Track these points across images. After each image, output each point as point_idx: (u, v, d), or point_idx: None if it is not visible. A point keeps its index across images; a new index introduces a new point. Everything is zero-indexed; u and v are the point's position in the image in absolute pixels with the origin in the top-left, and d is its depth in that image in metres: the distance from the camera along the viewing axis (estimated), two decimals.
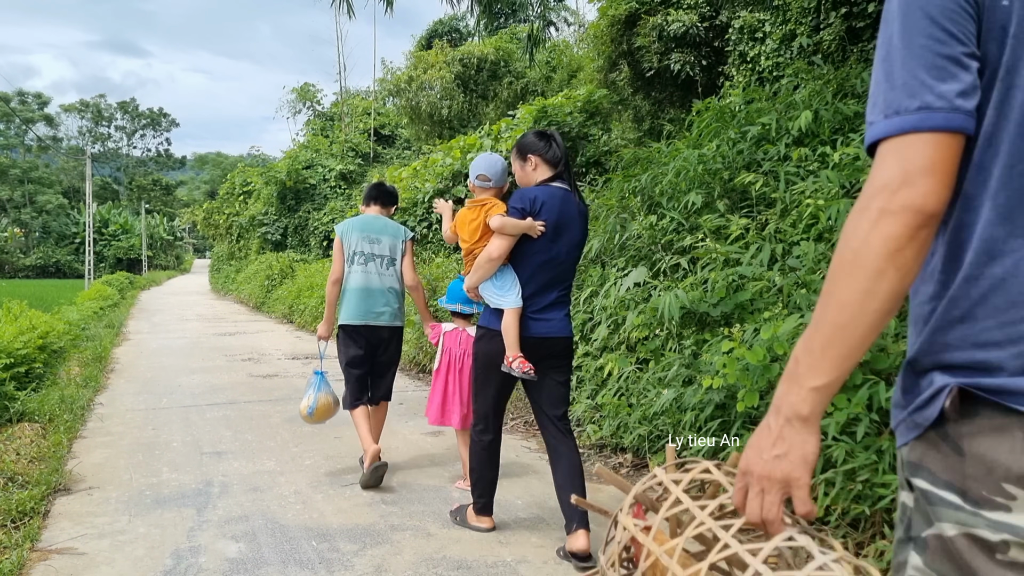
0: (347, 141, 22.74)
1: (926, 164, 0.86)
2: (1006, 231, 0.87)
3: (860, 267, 0.89)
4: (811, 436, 0.96)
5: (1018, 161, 0.87)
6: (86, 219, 32.04)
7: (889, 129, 0.89)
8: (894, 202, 0.87)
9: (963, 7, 0.87)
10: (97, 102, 72.99)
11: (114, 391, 6.82)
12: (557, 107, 12.15)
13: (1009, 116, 0.87)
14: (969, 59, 0.87)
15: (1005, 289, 0.88)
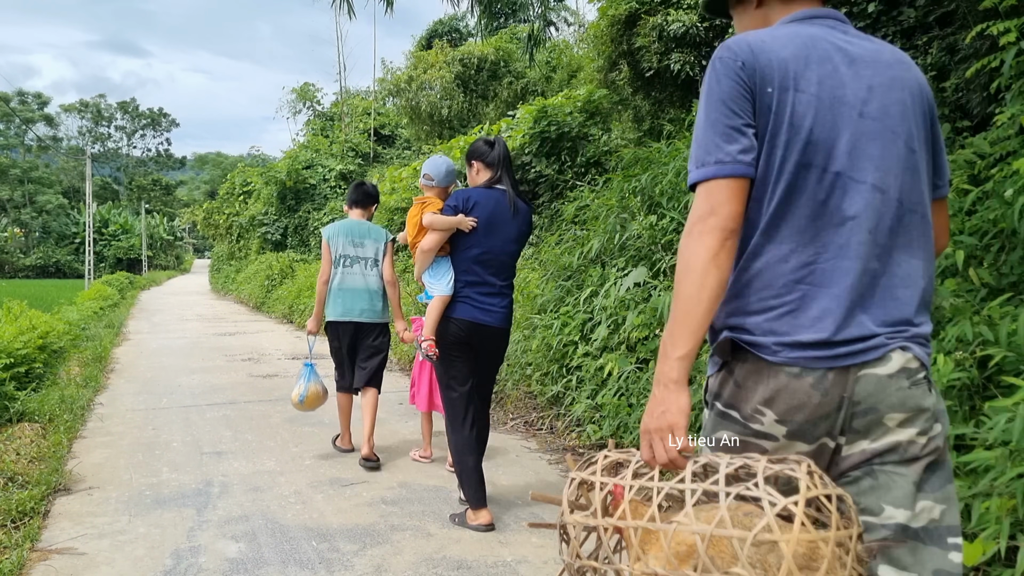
0: (347, 141, 22.74)
1: (724, 199, 1.30)
2: (765, 239, 1.33)
3: (693, 271, 1.29)
4: (683, 393, 1.31)
5: (772, 196, 1.32)
6: (86, 219, 32.05)
7: (699, 176, 1.33)
8: (707, 225, 1.29)
9: (743, 95, 1.32)
10: (97, 102, 73.02)
11: (114, 391, 6.82)
12: (557, 107, 12.14)
13: (772, 166, 1.32)
14: (747, 128, 1.31)
15: (761, 278, 1.33)
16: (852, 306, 1.32)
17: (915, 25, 5.43)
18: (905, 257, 1.37)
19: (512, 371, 5.95)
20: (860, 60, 1.38)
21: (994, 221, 3.05)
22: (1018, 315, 2.54)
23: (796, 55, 1.34)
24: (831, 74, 1.34)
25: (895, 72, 1.40)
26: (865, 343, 1.31)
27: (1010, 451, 2.14)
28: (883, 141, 1.35)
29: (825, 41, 1.38)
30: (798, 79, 1.33)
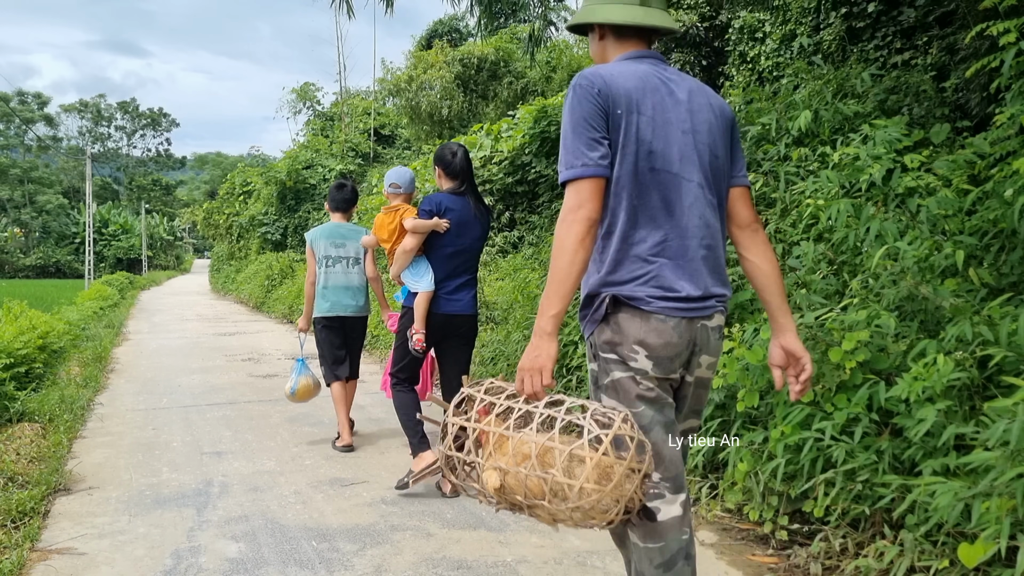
0: (347, 141, 22.73)
1: (589, 195, 1.71)
2: (629, 227, 1.77)
3: (566, 251, 1.69)
4: (552, 343, 1.72)
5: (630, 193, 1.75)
6: (86, 219, 32.05)
7: (568, 176, 1.73)
8: (577, 216, 1.70)
9: (599, 114, 1.73)
10: (97, 102, 72.97)
11: (114, 391, 6.82)
12: (557, 107, 12.14)
13: (624, 169, 1.75)
14: (604, 139, 1.73)
15: (631, 255, 1.78)
16: (695, 273, 1.80)
17: (915, 25, 5.43)
18: (721, 238, 1.89)
19: (512, 371, 5.95)
20: (677, 91, 1.84)
21: (994, 221, 3.05)
22: (1018, 315, 2.54)
23: (636, 86, 1.78)
24: (661, 101, 1.80)
25: (703, 100, 1.88)
26: (705, 302, 1.82)
27: (1010, 451, 2.14)
28: (699, 151, 1.83)
29: (654, 76, 1.83)
30: (640, 104, 1.77)
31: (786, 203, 4.29)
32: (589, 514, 1.68)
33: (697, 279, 1.80)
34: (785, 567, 2.86)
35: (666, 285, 1.77)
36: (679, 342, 1.78)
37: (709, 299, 1.82)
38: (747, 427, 3.35)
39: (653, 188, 1.78)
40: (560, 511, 1.68)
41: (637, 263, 1.78)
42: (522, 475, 1.69)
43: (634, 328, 1.77)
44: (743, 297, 3.87)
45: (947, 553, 2.38)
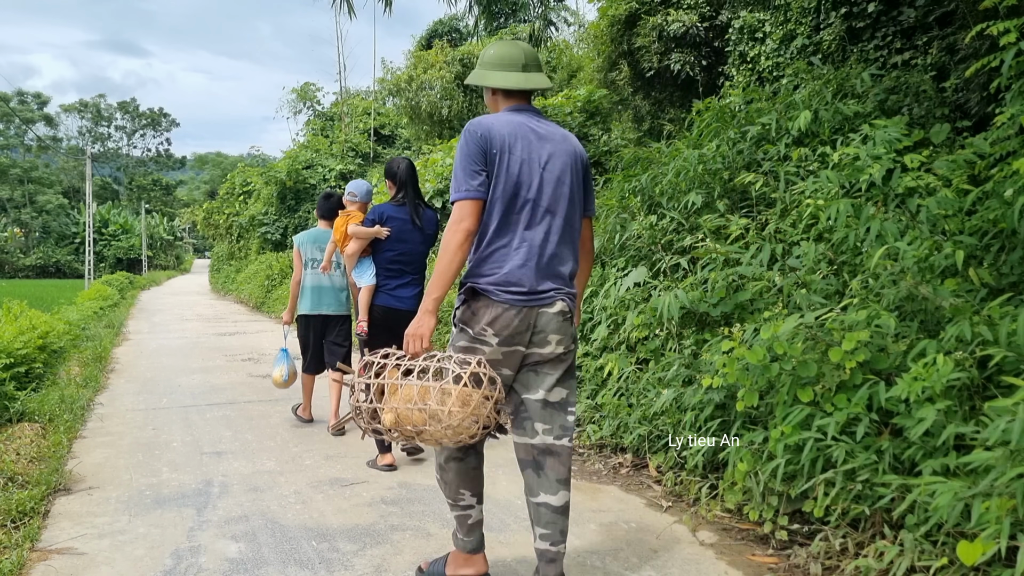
0: (347, 141, 22.73)
1: (468, 212, 2.33)
2: (495, 236, 2.37)
3: (449, 251, 2.31)
4: (432, 318, 2.34)
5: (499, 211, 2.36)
6: (86, 219, 32.04)
7: (456, 197, 2.36)
8: (460, 227, 2.32)
9: (480, 153, 2.34)
10: (97, 102, 72.96)
11: (114, 391, 6.82)
12: (557, 107, 12.15)
13: (497, 194, 2.36)
14: (482, 171, 2.33)
15: (492, 257, 2.37)
16: (539, 274, 2.41)
17: (915, 25, 5.43)
18: (565, 249, 2.49)
19: None
20: (543, 137, 2.47)
21: (994, 221, 3.05)
22: (1018, 315, 2.54)
23: (511, 132, 2.41)
24: (528, 145, 2.43)
25: (564, 146, 2.50)
26: (544, 295, 2.41)
27: (1010, 451, 2.14)
28: (555, 184, 2.45)
29: (525, 125, 2.46)
30: (511, 147, 2.40)
31: (786, 203, 4.29)
32: (458, 431, 2.31)
33: (538, 278, 2.41)
34: (785, 567, 2.86)
35: (512, 281, 2.38)
36: (519, 324, 2.40)
37: (548, 292, 2.43)
38: (747, 427, 3.35)
39: (515, 209, 2.42)
40: (438, 432, 2.30)
41: (493, 264, 2.41)
42: (408, 410, 2.30)
43: (485, 311, 2.40)
44: (743, 297, 3.87)
45: (947, 553, 2.38)
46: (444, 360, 2.35)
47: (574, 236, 2.52)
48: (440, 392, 2.27)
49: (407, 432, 2.36)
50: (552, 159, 2.45)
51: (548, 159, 2.45)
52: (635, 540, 3.18)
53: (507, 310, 2.38)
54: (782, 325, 3.06)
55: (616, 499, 3.74)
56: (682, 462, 3.80)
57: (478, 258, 2.42)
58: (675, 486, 3.76)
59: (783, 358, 3.00)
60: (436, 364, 2.35)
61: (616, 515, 3.50)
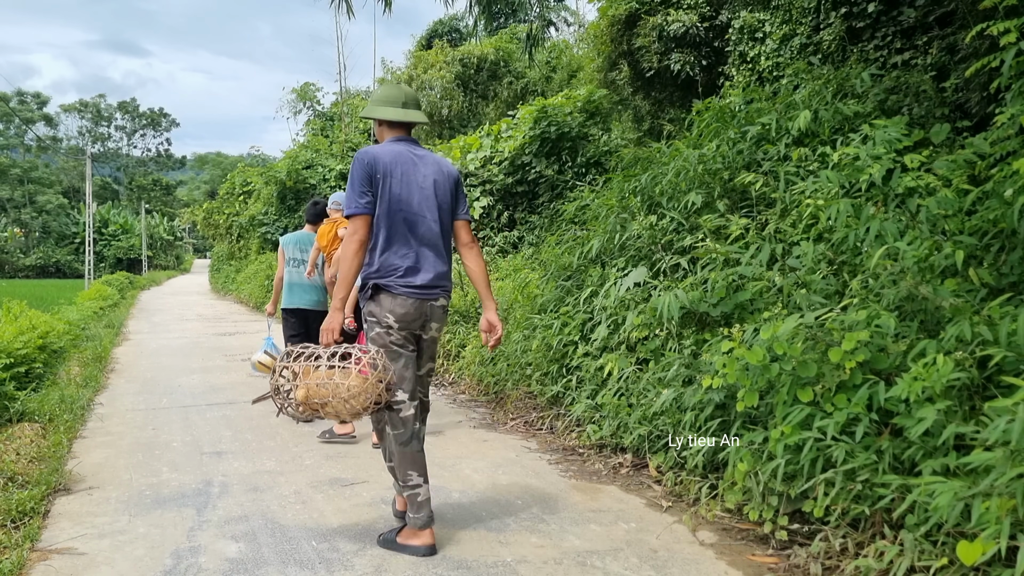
0: (347, 141, 22.72)
1: (359, 225, 2.98)
2: (387, 246, 3.02)
3: (347, 259, 2.96)
4: (339, 315, 2.97)
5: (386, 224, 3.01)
6: (86, 219, 32.04)
7: (347, 213, 3.01)
8: (354, 238, 2.96)
9: (368, 177, 2.98)
10: (97, 102, 72.97)
11: (114, 391, 6.82)
12: (557, 107, 12.14)
13: (381, 210, 3.00)
14: (369, 191, 2.98)
15: (387, 262, 3.01)
16: (426, 272, 3.04)
17: (915, 25, 5.43)
18: (442, 251, 3.12)
19: (512, 371, 5.95)
20: (419, 161, 3.09)
21: (994, 221, 3.05)
22: (1018, 315, 2.54)
23: (392, 159, 3.03)
24: (407, 169, 3.05)
25: (435, 167, 3.13)
26: (433, 290, 3.07)
27: (1010, 451, 2.14)
28: (433, 200, 3.08)
29: (404, 152, 3.09)
30: (392, 171, 3.01)
31: (786, 203, 4.29)
32: (355, 405, 2.87)
33: (426, 276, 3.06)
34: (785, 567, 2.86)
35: (407, 279, 3.02)
36: (415, 313, 3.04)
37: (435, 288, 3.09)
38: (747, 427, 3.35)
39: (400, 222, 3.03)
40: (340, 405, 2.86)
41: (392, 267, 3.02)
42: (316, 388, 2.87)
43: (387, 303, 3.01)
44: (743, 297, 3.87)
45: (947, 553, 2.38)
46: (349, 349, 2.98)
47: (447, 240, 3.20)
48: (342, 374, 2.88)
49: (314, 405, 2.90)
50: (427, 178, 3.09)
51: (423, 179, 3.08)
52: (635, 540, 3.18)
53: (406, 301, 3.03)
54: (782, 325, 3.05)
55: (616, 499, 3.74)
56: (682, 462, 3.80)
57: (378, 262, 3.03)
58: (675, 486, 3.76)
59: (783, 358, 2.99)
60: (342, 352, 2.96)
61: (616, 515, 3.50)
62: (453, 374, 7.23)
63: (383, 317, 3.01)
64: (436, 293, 3.08)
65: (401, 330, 3.02)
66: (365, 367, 2.92)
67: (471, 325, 7.66)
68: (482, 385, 6.42)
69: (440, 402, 6.34)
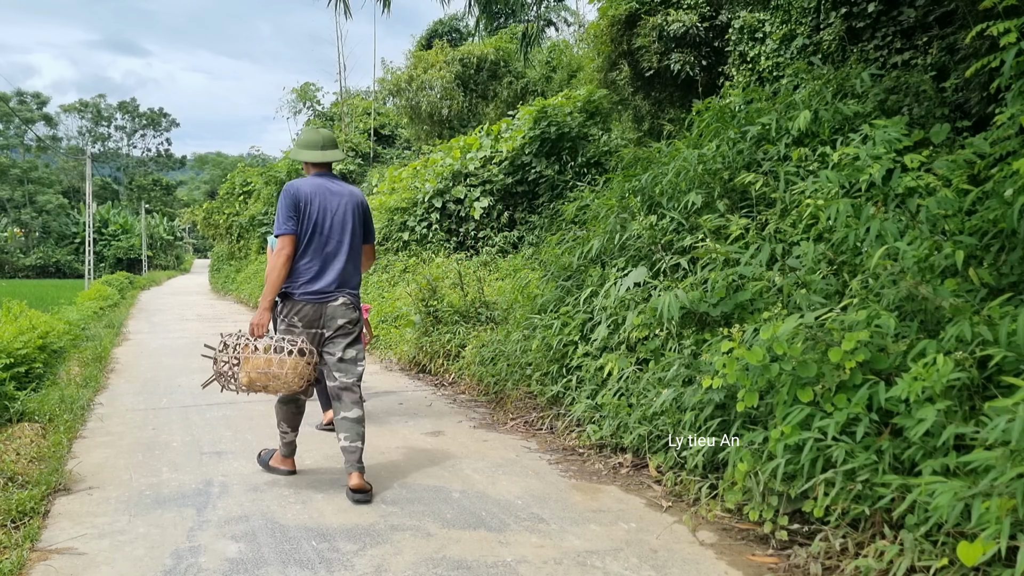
0: (347, 141, 22.72)
1: (286, 243, 3.69)
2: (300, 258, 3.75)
3: (275, 270, 3.69)
4: (267, 314, 3.71)
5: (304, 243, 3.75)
6: (86, 219, 32.04)
7: (277, 232, 3.74)
8: (282, 254, 3.68)
9: (293, 204, 3.72)
10: (97, 102, 72.96)
11: (114, 391, 6.82)
12: (557, 107, 12.14)
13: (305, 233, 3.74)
14: (294, 216, 3.70)
15: (298, 271, 3.75)
16: (327, 281, 3.73)
17: (915, 25, 5.43)
18: (350, 265, 3.81)
19: (512, 371, 5.95)
20: (335, 193, 3.80)
21: (994, 221, 3.05)
22: (1018, 315, 2.54)
23: (312, 191, 3.74)
24: (324, 198, 3.76)
25: (347, 198, 3.82)
26: (331, 293, 3.75)
27: (1010, 451, 2.14)
28: (341, 224, 3.78)
29: (323, 185, 3.79)
30: (312, 200, 3.73)
31: (786, 203, 4.29)
32: (290, 385, 3.63)
33: (325, 283, 3.75)
34: (785, 567, 2.86)
35: (307, 287, 3.74)
36: (313, 314, 3.75)
37: (331, 292, 3.76)
38: (747, 427, 3.35)
39: (315, 241, 3.75)
40: (277, 386, 3.62)
41: (303, 276, 3.74)
42: (257, 374, 3.59)
43: (292, 307, 3.75)
44: (743, 297, 3.87)
45: (947, 553, 2.38)
46: (279, 340, 3.65)
47: (356, 257, 3.89)
48: (279, 361, 3.59)
49: (256, 388, 3.64)
50: (339, 207, 3.80)
51: (337, 207, 3.79)
52: (635, 540, 3.18)
53: (305, 305, 3.74)
54: (782, 325, 3.06)
55: (616, 499, 3.74)
56: (682, 462, 3.80)
57: (292, 273, 3.74)
58: (675, 486, 3.76)
59: (783, 358, 2.99)
60: (274, 343, 3.64)
61: (616, 515, 3.50)
62: (453, 374, 7.23)
63: (291, 318, 3.75)
64: (333, 295, 3.77)
65: (305, 328, 3.74)
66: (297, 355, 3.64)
67: (471, 325, 7.66)
68: (482, 385, 6.42)
69: (440, 402, 6.34)
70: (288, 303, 3.74)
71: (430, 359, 7.74)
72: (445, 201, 12.95)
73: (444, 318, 7.88)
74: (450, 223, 12.92)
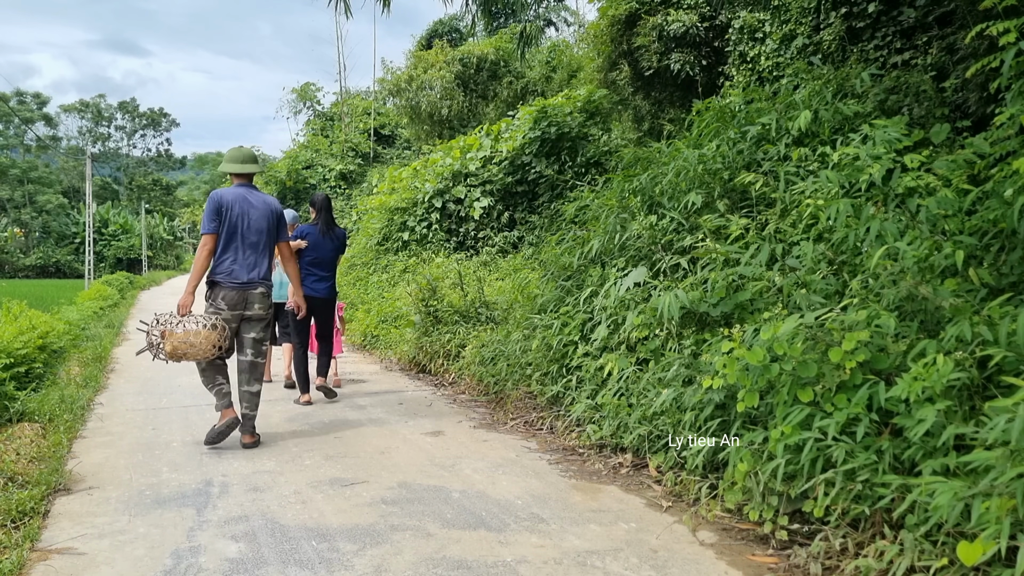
0: (347, 141, 22.72)
1: (208, 240, 4.71)
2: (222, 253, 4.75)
3: (199, 262, 4.71)
4: (190, 296, 4.65)
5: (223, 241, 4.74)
6: (86, 219, 32.03)
7: (202, 232, 4.76)
8: (205, 250, 4.70)
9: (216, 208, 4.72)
10: (97, 102, 72.95)
11: (114, 391, 6.82)
12: (557, 107, 12.14)
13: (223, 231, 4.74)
14: (216, 218, 4.70)
15: (222, 264, 4.75)
16: (246, 272, 4.74)
17: (915, 25, 5.43)
18: (263, 259, 4.82)
19: (512, 371, 5.95)
20: (251, 202, 4.80)
21: (994, 221, 3.05)
22: (1018, 315, 2.54)
23: (232, 199, 4.75)
24: (242, 205, 4.77)
25: (262, 206, 4.84)
26: (251, 284, 4.75)
27: (1010, 451, 2.14)
28: (256, 227, 4.79)
29: (242, 194, 4.81)
30: (232, 206, 4.73)
31: (786, 203, 4.29)
32: (206, 353, 4.54)
33: (246, 275, 4.70)
34: (785, 567, 2.86)
35: (233, 276, 4.67)
36: (238, 299, 4.67)
37: (252, 282, 4.71)
38: (747, 427, 3.35)
39: (233, 240, 4.69)
40: (195, 353, 4.50)
41: (223, 267, 4.67)
42: (178, 342, 4.46)
43: (220, 292, 4.65)
44: (743, 297, 3.87)
45: (947, 553, 2.38)
46: (199, 318, 4.58)
47: (269, 254, 4.88)
48: (195, 333, 4.53)
49: (178, 355, 4.53)
50: (254, 211, 4.79)
51: (251, 211, 4.78)
52: (635, 540, 3.18)
53: (231, 290, 4.69)
54: (782, 325, 3.06)
55: (616, 499, 3.74)
56: (682, 462, 3.80)
57: (215, 265, 4.72)
58: (675, 486, 3.76)
59: (783, 358, 2.99)
60: (193, 319, 4.58)
61: (616, 515, 3.50)
62: (453, 374, 7.23)
63: (217, 301, 4.70)
64: (253, 285, 4.76)
65: (230, 310, 4.69)
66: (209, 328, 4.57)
67: (471, 325, 7.66)
68: (482, 385, 6.42)
69: (440, 402, 6.34)
70: (217, 289, 4.69)
71: (430, 359, 7.74)
72: (445, 201, 12.95)
73: (444, 318, 7.88)
74: (450, 223, 12.92)
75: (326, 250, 6.26)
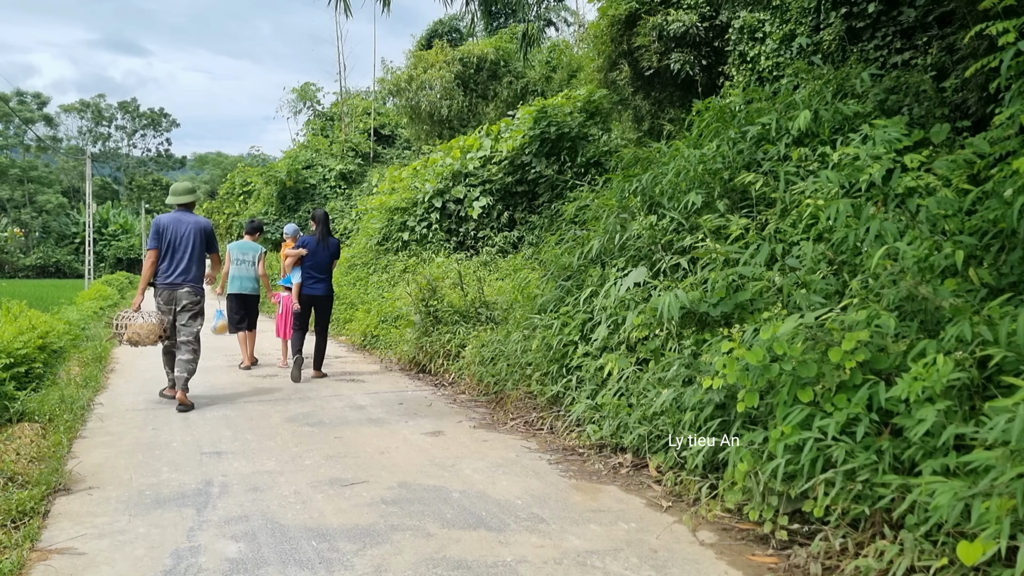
0: (347, 141, 22.72)
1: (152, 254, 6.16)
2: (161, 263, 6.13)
3: (146, 269, 6.20)
4: (141, 296, 6.28)
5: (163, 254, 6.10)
6: (86, 219, 32.03)
7: (147, 248, 6.19)
8: (149, 262, 6.16)
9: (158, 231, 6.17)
10: (97, 102, 72.94)
11: (114, 391, 6.83)
12: (557, 107, 12.14)
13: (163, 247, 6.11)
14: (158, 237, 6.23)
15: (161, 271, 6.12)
16: (177, 276, 6.08)
17: (915, 25, 5.43)
18: (193, 267, 6.15)
19: (512, 371, 5.95)
20: (184, 222, 6.14)
21: (994, 221, 3.05)
22: (1018, 315, 2.54)
23: (170, 223, 6.12)
24: (178, 226, 6.11)
25: (194, 226, 6.16)
26: (179, 284, 6.09)
27: (1010, 451, 2.14)
28: (188, 243, 6.10)
29: (177, 218, 6.16)
30: (169, 228, 6.10)
31: (786, 203, 4.29)
32: (150, 337, 5.99)
33: (175, 277, 6.04)
34: (785, 567, 2.86)
35: (167, 277, 6.04)
36: (169, 296, 6.08)
37: (179, 282, 6.05)
38: (747, 427, 3.35)
39: (171, 253, 6.05)
40: (144, 339, 5.98)
41: (162, 273, 6.05)
42: (132, 332, 5.98)
43: (158, 291, 6.11)
44: (743, 297, 3.87)
45: (947, 553, 2.38)
46: (147, 313, 6.01)
47: (201, 263, 6.11)
48: (141, 324, 5.96)
49: (133, 340, 5.91)
50: (186, 231, 6.04)
51: (185, 231, 6.04)
52: (635, 540, 3.18)
53: (165, 290, 6.02)
54: (782, 325, 3.06)
55: (616, 499, 3.74)
56: (682, 462, 3.80)
57: (158, 271, 6.01)
58: (675, 486, 3.76)
59: (783, 358, 2.99)
60: (145, 313, 6.02)
61: (616, 515, 3.50)
62: (453, 374, 7.23)
63: (158, 299, 6.06)
64: (181, 285, 6.02)
65: (166, 304, 6.03)
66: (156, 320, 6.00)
67: (471, 325, 7.66)
68: (482, 385, 6.42)
69: (440, 402, 6.34)
70: (158, 289, 6.06)
71: (430, 359, 7.73)
72: (445, 201, 12.95)
73: (444, 318, 7.88)
74: (450, 223, 12.92)
75: (322, 257, 7.48)
